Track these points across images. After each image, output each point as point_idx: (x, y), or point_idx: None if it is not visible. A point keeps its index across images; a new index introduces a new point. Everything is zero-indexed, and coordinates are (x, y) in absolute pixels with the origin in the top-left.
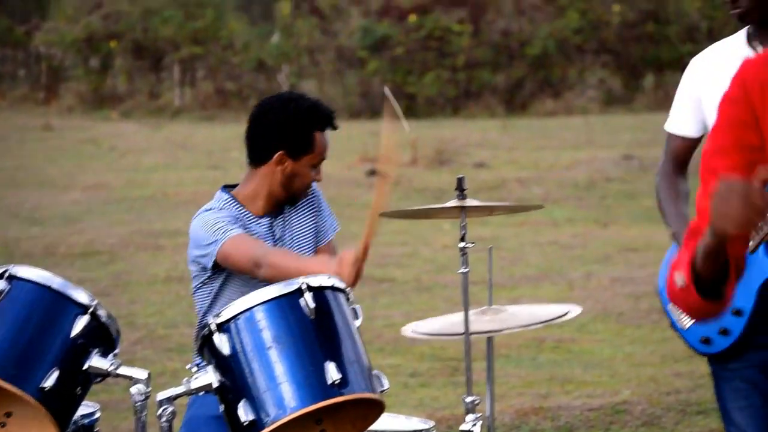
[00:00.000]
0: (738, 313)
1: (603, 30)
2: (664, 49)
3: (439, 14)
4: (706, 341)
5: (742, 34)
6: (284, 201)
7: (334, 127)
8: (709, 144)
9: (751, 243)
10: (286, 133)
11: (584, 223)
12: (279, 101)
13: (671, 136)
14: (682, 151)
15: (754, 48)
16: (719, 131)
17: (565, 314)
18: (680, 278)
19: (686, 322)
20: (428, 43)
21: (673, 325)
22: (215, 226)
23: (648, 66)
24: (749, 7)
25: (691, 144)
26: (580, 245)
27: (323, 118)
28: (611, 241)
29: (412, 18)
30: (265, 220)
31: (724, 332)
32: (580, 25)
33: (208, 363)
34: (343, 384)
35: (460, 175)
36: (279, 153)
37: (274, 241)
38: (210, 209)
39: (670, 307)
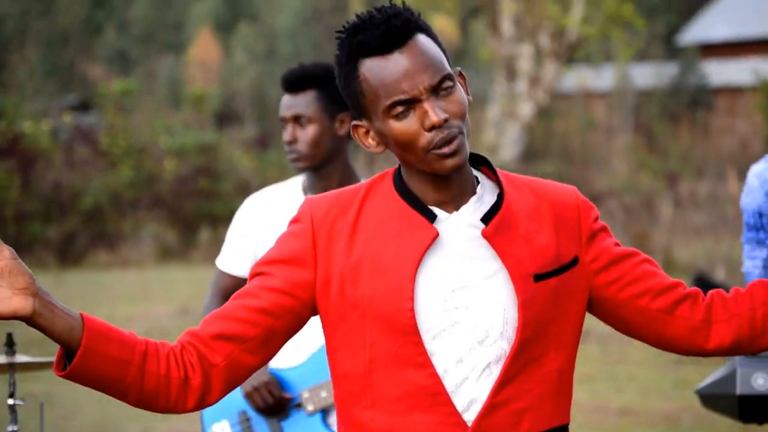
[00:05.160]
0: None
1: (156, 184)
2: (217, 204)
3: None
4: None
5: (297, 180)
6: None
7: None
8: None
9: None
10: None
11: None
12: None
13: (222, 274)
14: (232, 289)
15: (305, 193)
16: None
17: None
18: None
19: None
20: None
21: None
22: None
23: (202, 220)
24: (304, 155)
25: (241, 282)
26: None
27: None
28: None
29: None
30: None
31: None
32: (132, 179)
33: None
34: None
35: (10, 330)
36: None
37: None
38: None
39: None
